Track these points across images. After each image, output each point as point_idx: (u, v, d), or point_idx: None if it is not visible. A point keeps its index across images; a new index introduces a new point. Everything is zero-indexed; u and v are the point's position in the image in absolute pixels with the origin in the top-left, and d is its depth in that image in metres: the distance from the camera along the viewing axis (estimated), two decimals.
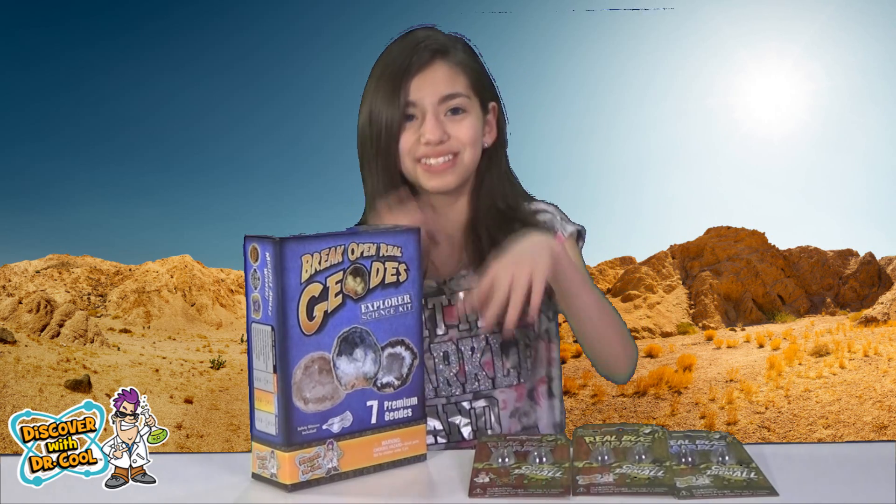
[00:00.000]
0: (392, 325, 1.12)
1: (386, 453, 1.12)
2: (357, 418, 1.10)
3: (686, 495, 0.98)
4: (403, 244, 1.13)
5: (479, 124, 1.40)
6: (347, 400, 1.09)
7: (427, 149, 1.36)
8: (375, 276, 1.10)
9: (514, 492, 1.00)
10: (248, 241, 1.07)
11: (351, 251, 1.08)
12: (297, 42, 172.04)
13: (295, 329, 1.05)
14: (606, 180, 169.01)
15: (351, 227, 1.19)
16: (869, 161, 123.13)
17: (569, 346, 21.95)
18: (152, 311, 34.55)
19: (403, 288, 1.13)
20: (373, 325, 1.10)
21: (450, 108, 1.37)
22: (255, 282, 1.06)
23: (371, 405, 1.11)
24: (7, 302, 23.62)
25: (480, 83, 1.42)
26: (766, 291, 29.21)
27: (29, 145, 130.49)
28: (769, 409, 13.31)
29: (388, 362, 1.12)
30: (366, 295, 1.10)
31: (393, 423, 1.13)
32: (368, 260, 1.10)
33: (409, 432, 1.14)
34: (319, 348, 1.06)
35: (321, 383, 1.07)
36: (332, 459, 1.08)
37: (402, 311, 1.12)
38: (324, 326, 1.06)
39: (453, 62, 1.39)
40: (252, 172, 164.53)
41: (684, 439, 1.12)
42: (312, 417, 1.06)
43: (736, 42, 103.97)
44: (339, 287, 1.08)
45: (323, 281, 1.06)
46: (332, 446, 1.08)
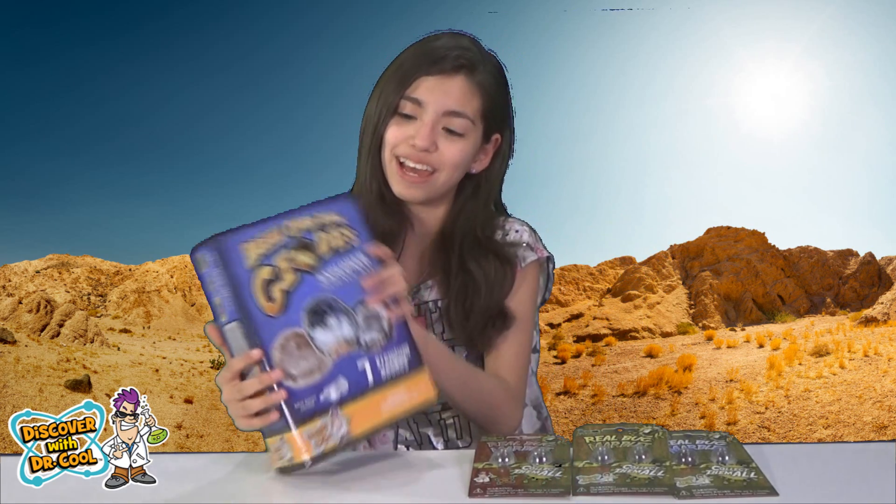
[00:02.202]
0: (357, 286, 1.11)
1: (395, 408, 1.11)
2: (353, 381, 1.08)
3: (686, 495, 0.98)
4: (340, 210, 1.12)
5: (470, 150, 1.38)
6: (337, 367, 1.08)
7: (411, 151, 1.35)
8: (323, 245, 1.10)
9: (514, 492, 1.00)
10: (192, 253, 1.08)
11: (287, 228, 1.08)
12: (296, 42, 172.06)
13: (258, 313, 1.05)
14: (606, 180, 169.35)
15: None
16: (869, 161, 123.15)
17: (568, 347, 21.98)
18: (152, 311, 34.56)
19: (358, 249, 1.12)
20: (338, 290, 1.10)
21: (449, 127, 1.35)
22: (211, 286, 1.06)
23: (363, 366, 1.09)
24: (7, 302, 23.63)
25: (491, 111, 1.39)
26: (766, 291, 29.22)
27: (29, 145, 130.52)
28: (769, 409, 13.31)
29: (365, 321, 1.10)
30: (320, 265, 1.09)
31: (391, 376, 1.11)
32: (310, 232, 1.10)
33: (412, 382, 1.13)
34: (289, 325, 1.06)
35: (304, 357, 1.07)
36: (340, 427, 1.07)
37: (363, 272, 1.11)
38: (287, 305, 1.06)
39: (474, 81, 1.36)
40: (252, 172, 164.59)
41: (684, 439, 1.12)
42: (306, 391, 1.06)
43: (736, 42, 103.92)
44: (290, 264, 1.07)
45: (271, 263, 1.07)
46: (337, 413, 1.07)
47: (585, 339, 24.83)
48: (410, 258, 1.45)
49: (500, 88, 1.40)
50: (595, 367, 19.20)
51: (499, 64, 1.41)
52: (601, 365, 19.48)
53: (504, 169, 1.46)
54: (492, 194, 1.44)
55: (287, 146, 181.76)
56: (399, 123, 1.36)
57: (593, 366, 19.38)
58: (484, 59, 1.38)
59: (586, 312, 27.77)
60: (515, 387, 1.36)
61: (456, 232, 1.41)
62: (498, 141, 1.43)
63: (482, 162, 1.42)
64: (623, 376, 17.52)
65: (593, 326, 26.39)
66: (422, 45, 1.38)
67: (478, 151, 1.40)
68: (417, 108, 1.35)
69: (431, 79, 1.34)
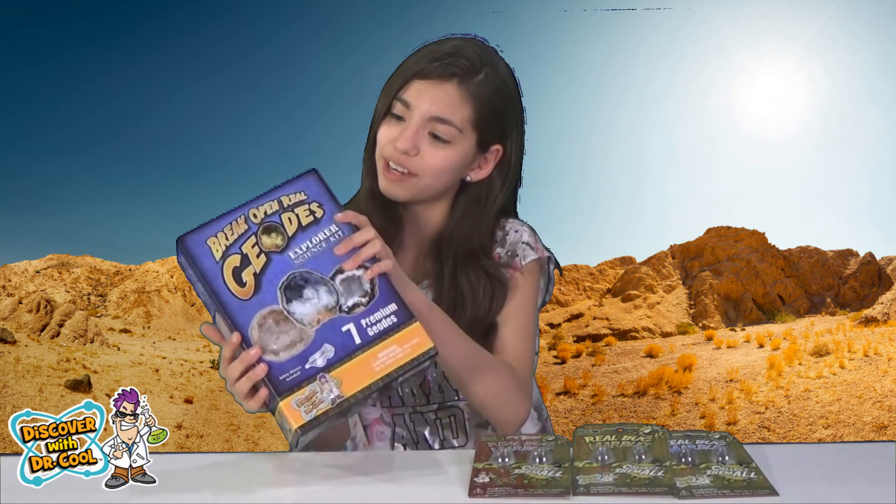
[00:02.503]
0: (331, 255, 1.11)
1: (389, 362, 1.09)
2: (339, 345, 1.08)
3: (686, 495, 0.98)
4: (304, 187, 1.14)
5: (458, 158, 1.36)
6: (320, 334, 1.08)
7: (394, 153, 1.34)
8: (290, 224, 1.12)
9: (514, 492, 1.00)
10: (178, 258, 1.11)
11: (253, 216, 1.11)
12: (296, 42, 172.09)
13: (231, 299, 1.08)
14: (606, 180, 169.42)
15: None
16: (869, 161, 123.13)
17: (568, 347, 21.98)
18: (152, 311, 34.57)
19: (326, 220, 1.13)
20: (309, 263, 1.11)
21: (434, 132, 1.34)
22: (194, 286, 1.11)
23: (347, 328, 1.09)
24: (7, 302, 23.64)
25: (486, 121, 1.36)
26: (766, 291, 29.22)
27: (29, 145, 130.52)
28: (769, 409, 13.32)
29: (344, 287, 1.10)
30: (287, 244, 1.11)
31: (381, 334, 1.10)
32: (276, 215, 1.12)
33: (404, 335, 1.10)
34: (265, 305, 1.08)
35: (283, 332, 1.08)
36: (331, 390, 1.07)
37: (335, 240, 1.12)
38: (259, 286, 1.09)
39: (466, 90, 1.34)
40: (252, 172, 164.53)
41: (684, 439, 1.12)
42: (290, 363, 1.07)
43: (736, 42, 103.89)
44: (258, 248, 1.10)
45: (238, 250, 1.09)
46: (325, 379, 1.07)
47: (585, 339, 24.83)
48: (407, 257, 1.45)
49: (500, 99, 1.37)
50: (595, 367, 19.20)
51: (506, 74, 1.39)
52: (601, 365, 19.49)
53: (511, 182, 1.43)
54: (494, 207, 1.42)
55: (287, 146, 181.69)
56: (389, 124, 1.36)
57: (593, 366, 19.38)
58: (486, 66, 1.36)
59: (586, 312, 27.76)
60: (523, 374, 1.34)
61: (452, 242, 1.40)
62: (499, 152, 1.41)
63: (480, 171, 1.41)
64: (623, 376, 17.52)
65: (593, 326, 26.39)
66: (427, 47, 1.38)
67: (472, 160, 1.39)
68: (406, 110, 1.35)
69: (423, 83, 1.34)
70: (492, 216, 1.42)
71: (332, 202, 1.14)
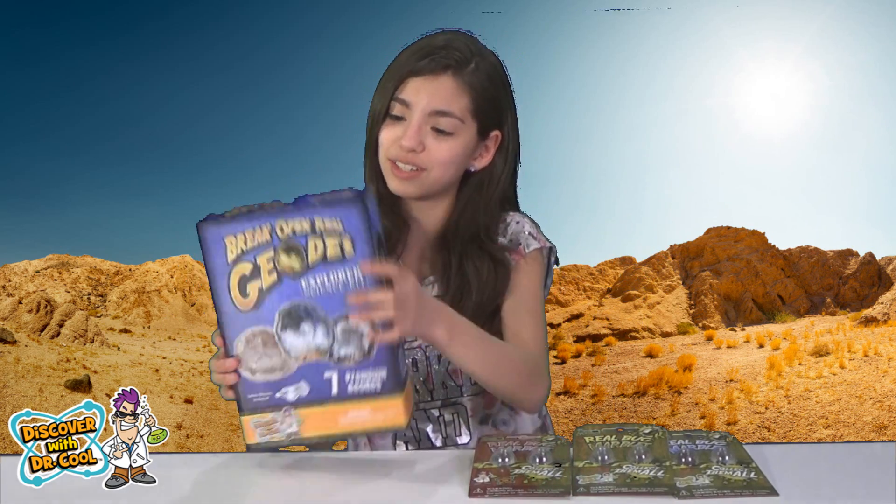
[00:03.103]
0: (342, 299, 1.06)
1: (355, 423, 1.08)
2: (315, 388, 1.08)
3: (686, 495, 0.98)
4: (343, 216, 1.04)
5: (462, 149, 1.38)
6: (301, 371, 1.08)
7: (400, 152, 1.35)
8: (314, 252, 1.05)
9: (514, 492, 1.00)
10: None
11: (280, 229, 1.05)
12: (296, 42, 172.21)
13: (229, 306, 1.07)
14: (606, 180, 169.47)
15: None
16: (869, 161, 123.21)
17: (568, 347, 21.98)
18: (152, 311, 34.56)
19: (352, 261, 1.05)
20: (319, 299, 1.06)
21: (436, 126, 1.35)
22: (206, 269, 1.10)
23: (329, 377, 1.08)
24: (7, 302, 23.64)
25: (484, 108, 1.38)
26: (766, 291, 29.22)
27: (29, 145, 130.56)
28: (769, 409, 13.32)
29: (343, 336, 1.07)
30: (305, 271, 1.06)
31: (359, 394, 1.08)
32: (304, 236, 1.05)
33: (381, 405, 1.08)
34: (259, 323, 1.07)
35: (267, 355, 1.08)
36: (290, 425, 1.08)
37: (353, 286, 1.05)
38: (261, 303, 1.06)
39: (461, 80, 1.36)
40: (252, 172, 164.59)
41: (684, 439, 1.12)
42: (262, 386, 1.08)
43: (736, 42, 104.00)
44: (272, 265, 1.06)
45: (252, 260, 1.06)
46: (290, 413, 1.08)
47: (585, 339, 24.83)
48: (412, 256, 1.45)
49: (493, 85, 1.39)
50: (595, 367, 19.20)
51: (495, 61, 1.41)
52: (601, 365, 19.49)
53: (511, 166, 1.46)
54: (497, 191, 1.44)
55: (287, 146, 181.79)
56: (390, 125, 1.37)
57: (593, 366, 19.38)
58: (475, 56, 1.38)
59: (586, 312, 27.77)
60: (540, 356, 1.35)
61: (458, 231, 1.42)
62: (498, 138, 1.43)
63: (483, 159, 1.43)
64: (623, 376, 17.52)
65: (593, 326, 26.39)
66: (415, 45, 1.39)
67: (475, 149, 1.41)
68: (405, 109, 1.36)
69: (418, 79, 1.35)
70: (495, 200, 1.44)
71: (366, 243, 1.04)
